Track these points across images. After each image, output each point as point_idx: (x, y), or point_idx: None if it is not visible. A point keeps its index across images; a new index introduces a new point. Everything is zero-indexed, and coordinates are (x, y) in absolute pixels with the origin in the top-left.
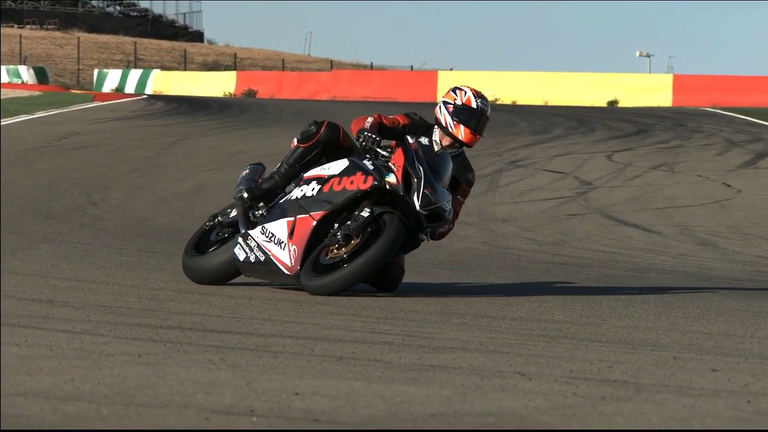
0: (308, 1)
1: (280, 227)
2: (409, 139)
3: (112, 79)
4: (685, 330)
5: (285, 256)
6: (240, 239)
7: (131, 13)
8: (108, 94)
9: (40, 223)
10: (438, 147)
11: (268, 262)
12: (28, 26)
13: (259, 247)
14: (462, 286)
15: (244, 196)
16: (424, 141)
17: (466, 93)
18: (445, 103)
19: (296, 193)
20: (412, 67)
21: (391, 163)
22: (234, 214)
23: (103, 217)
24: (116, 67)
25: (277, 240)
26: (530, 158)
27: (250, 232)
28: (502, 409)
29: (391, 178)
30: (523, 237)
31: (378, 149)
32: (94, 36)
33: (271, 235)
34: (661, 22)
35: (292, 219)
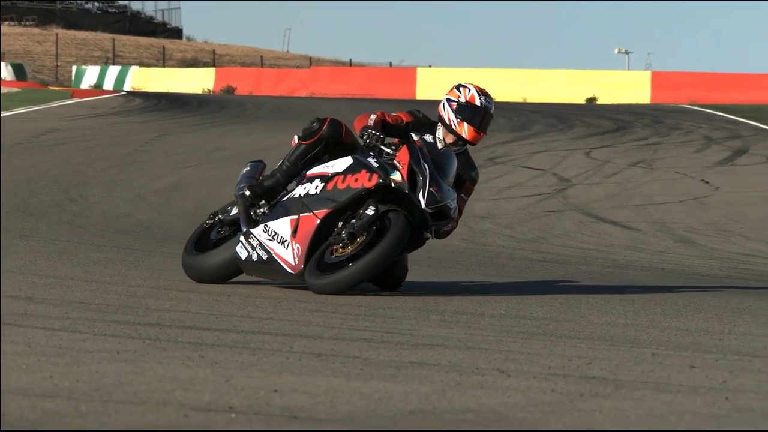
0: None
1: (283, 225)
2: (414, 137)
3: (90, 76)
4: (664, 327)
5: (288, 255)
6: (242, 237)
7: (110, 10)
8: (86, 90)
9: (18, 220)
10: (441, 144)
11: (271, 261)
12: (6, 22)
13: (262, 246)
14: (441, 283)
15: (246, 193)
16: (428, 138)
17: (470, 90)
18: (449, 101)
19: (299, 191)
20: (391, 63)
21: (396, 161)
22: (235, 212)
23: (82, 213)
24: (95, 63)
25: (280, 238)
26: (509, 155)
27: (252, 231)
28: (481, 406)
29: (396, 176)
30: (502, 234)
31: (382, 147)
32: (72, 32)
33: (273, 234)
34: (640, 20)
35: (295, 217)
